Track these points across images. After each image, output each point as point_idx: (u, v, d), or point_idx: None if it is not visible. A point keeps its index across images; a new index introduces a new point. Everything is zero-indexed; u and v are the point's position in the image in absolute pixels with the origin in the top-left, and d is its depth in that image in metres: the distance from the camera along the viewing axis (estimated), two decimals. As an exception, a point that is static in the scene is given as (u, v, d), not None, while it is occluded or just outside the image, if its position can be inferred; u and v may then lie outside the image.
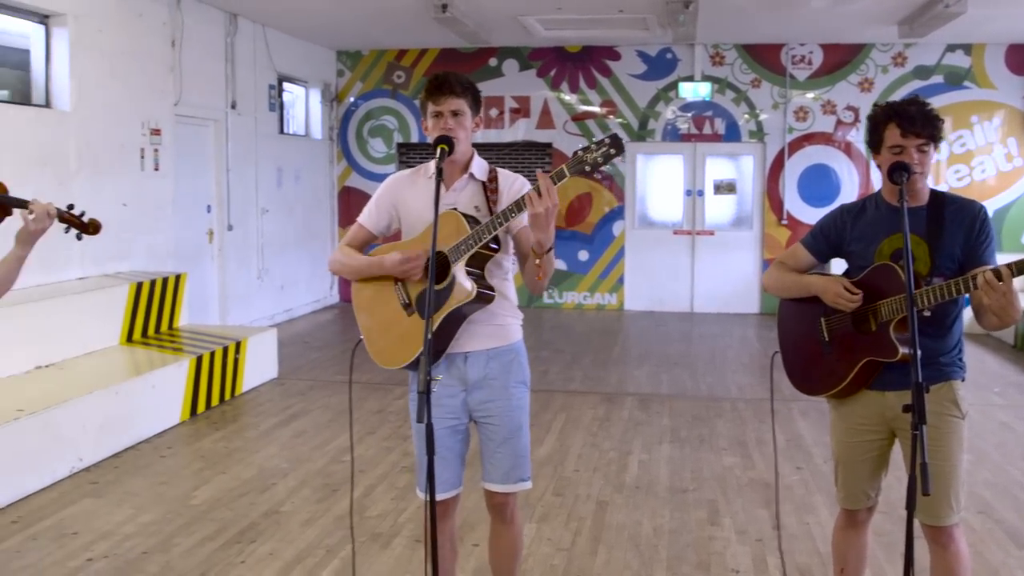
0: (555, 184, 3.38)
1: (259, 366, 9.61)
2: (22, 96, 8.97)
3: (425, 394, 3.10)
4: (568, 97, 15.02)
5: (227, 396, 8.92)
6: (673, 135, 14.86)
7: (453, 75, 3.76)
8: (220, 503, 6.14)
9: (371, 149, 15.66)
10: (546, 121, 15.08)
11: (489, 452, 3.84)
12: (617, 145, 3.39)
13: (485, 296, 3.65)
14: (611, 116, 14.93)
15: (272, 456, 7.22)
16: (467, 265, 3.60)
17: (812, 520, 5.81)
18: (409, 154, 15.47)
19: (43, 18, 8.91)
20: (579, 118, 15.00)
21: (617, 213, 15.07)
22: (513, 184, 3.83)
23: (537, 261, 3.54)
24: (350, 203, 15.43)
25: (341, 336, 12.63)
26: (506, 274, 3.85)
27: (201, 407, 8.47)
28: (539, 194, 3.37)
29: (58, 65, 9.00)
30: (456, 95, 3.71)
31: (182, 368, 8.25)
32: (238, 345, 9.16)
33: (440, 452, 3.21)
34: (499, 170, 3.88)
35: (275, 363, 10.00)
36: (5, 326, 7.18)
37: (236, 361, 9.10)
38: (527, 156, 15.17)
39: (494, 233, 3.56)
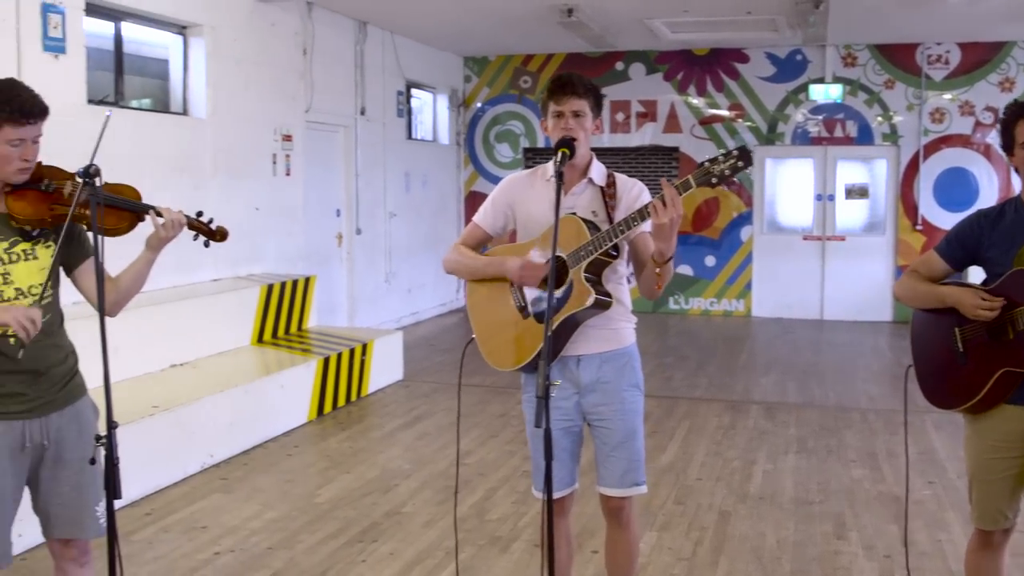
0: (680, 195, 3.33)
1: (385, 368, 9.75)
2: (162, 104, 9.29)
3: (544, 399, 3.10)
4: (695, 101, 14.86)
5: (353, 397, 9.07)
6: (803, 138, 14.56)
7: (576, 76, 3.74)
8: (344, 502, 6.24)
9: (498, 154, 15.75)
10: (673, 125, 14.95)
11: (603, 456, 3.82)
12: (745, 158, 3.32)
13: (602, 303, 3.62)
14: (739, 119, 14.71)
15: (395, 457, 7.31)
16: (585, 271, 3.58)
17: (944, 537, 5.61)
18: (535, 158, 15.49)
19: (181, 29, 9.22)
20: (706, 122, 14.82)
21: (745, 218, 14.84)
22: (631, 190, 3.79)
23: (657, 270, 3.50)
24: (476, 207, 15.39)
25: (466, 340, 12.67)
26: (621, 278, 3.82)
27: (328, 407, 8.63)
28: (663, 204, 3.32)
29: (195, 74, 9.29)
30: (578, 96, 3.69)
31: (310, 369, 8.42)
32: (365, 347, 9.30)
33: (554, 452, 3.21)
34: (617, 175, 3.85)
35: (401, 365, 10.13)
36: (143, 326, 7.42)
37: (363, 363, 9.25)
38: (653, 160, 15.06)
39: (614, 241, 3.53)
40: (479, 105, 15.78)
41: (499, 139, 15.73)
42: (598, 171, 3.81)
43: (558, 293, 3.58)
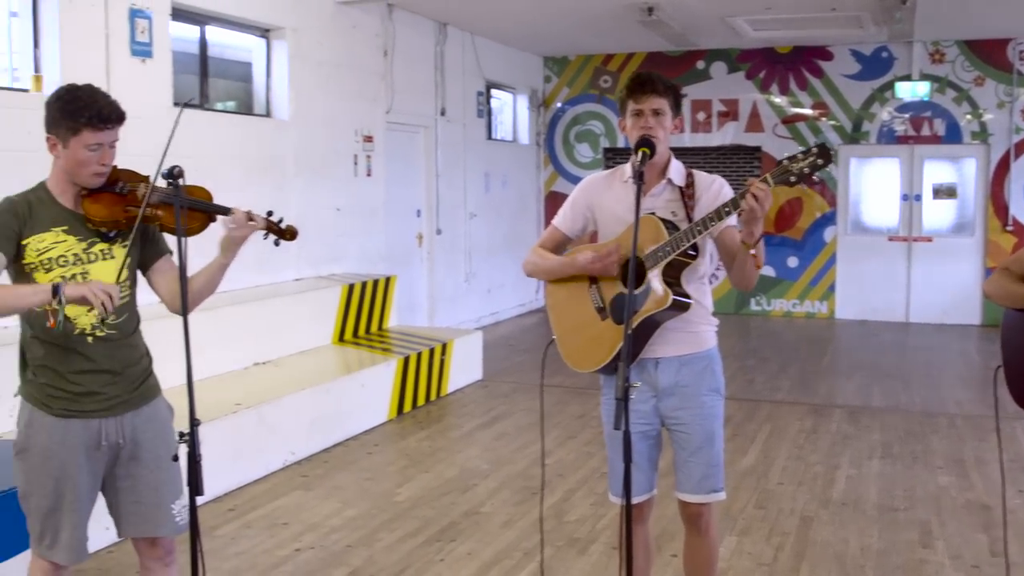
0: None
1: (464, 368, 9.78)
2: (245, 107, 9.43)
3: (623, 401, 3.07)
4: (778, 99, 14.66)
5: (433, 396, 9.11)
6: (889, 137, 14.28)
7: (655, 74, 3.71)
8: (422, 501, 6.27)
9: (578, 154, 15.71)
10: (755, 124, 14.77)
11: (681, 461, 3.77)
12: (825, 155, 3.26)
13: (680, 304, 3.58)
14: (823, 118, 14.47)
15: (474, 457, 7.32)
16: (663, 272, 3.54)
17: (1035, 546, 5.46)
18: (616, 158, 15.41)
19: (264, 32, 9.34)
20: (789, 121, 14.62)
21: (829, 218, 14.60)
22: (711, 186, 3.74)
23: (752, 251, 3.47)
24: (556, 208, 15.21)
25: (545, 340, 12.54)
26: (702, 280, 3.76)
27: (408, 406, 8.68)
28: (755, 197, 3.29)
29: (277, 77, 9.41)
30: (658, 94, 3.64)
31: (390, 368, 8.48)
32: (444, 347, 9.34)
33: (632, 456, 3.18)
34: (696, 172, 3.80)
35: (480, 365, 10.15)
36: (227, 324, 7.54)
37: (442, 362, 9.29)
38: (735, 160, 14.89)
39: (693, 240, 3.49)
40: (559, 105, 15.75)
41: (579, 139, 15.69)
42: (677, 171, 3.76)
43: (636, 293, 3.54)
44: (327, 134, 9.97)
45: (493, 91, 14.38)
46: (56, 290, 3.12)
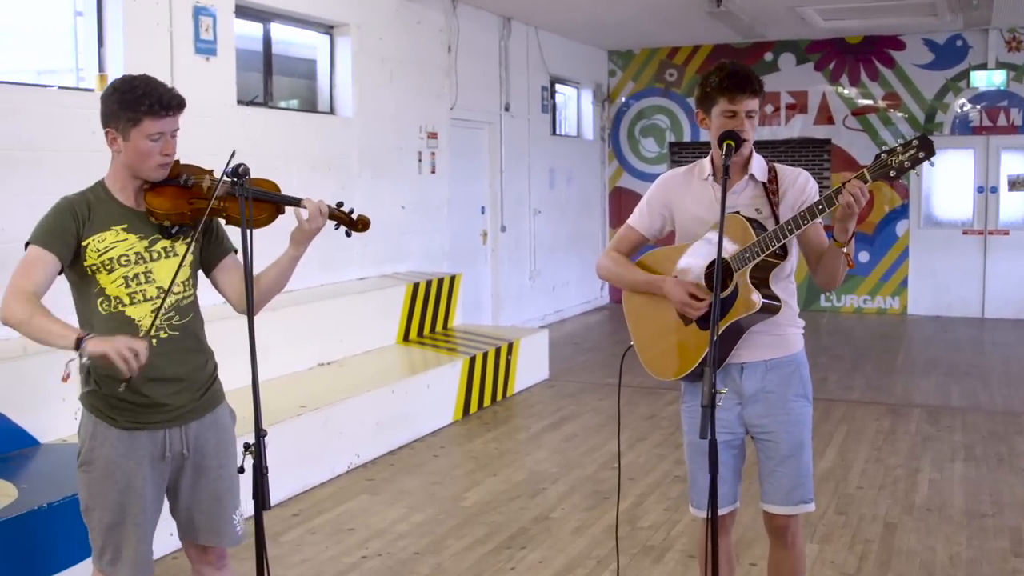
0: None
1: (531, 367, 9.63)
2: (309, 104, 9.36)
3: (710, 408, 2.91)
4: (848, 91, 14.31)
5: (499, 397, 8.98)
6: (963, 128, 13.88)
7: (750, 70, 3.47)
8: (490, 506, 6.13)
9: (643, 149, 15.49)
10: (824, 116, 14.43)
11: (768, 471, 3.58)
12: (927, 147, 3.07)
13: (770, 307, 3.40)
14: (894, 109, 14.11)
15: (542, 460, 7.17)
16: (751, 274, 3.36)
17: None
18: (682, 153, 15.18)
19: (328, 29, 9.27)
20: (860, 112, 14.27)
21: (900, 212, 14.22)
22: (796, 181, 3.54)
23: (845, 249, 3.32)
24: (621, 204, 15.28)
25: (611, 338, 12.50)
26: (789, 279, 3.57)
27: (474, 407, 8.56)
28: (854, 198, 3.15)
29: (341, 73, 9.33)
30: (755, 95, 3.43)
31: (456, 368, 8.36)
32: (510, 346, 9.20)
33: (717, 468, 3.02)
34: (778, 167, 3.60)
35: (546, 364, 10.00)
36: (291, 324, 7.47)
37: (508, 362, 9.15)
38: (804, 153, 14.57)
39: (783, 241, 3.30)
40: (624, 99, 15.54)
41: (644, 134, 15.46)
42: (759, 166, 3.57)
43: (723, 296, 3.36)
44: (391, 131, 9.87)
45: (557, 86, 14.22)
46: (79, 344, 2.93)
